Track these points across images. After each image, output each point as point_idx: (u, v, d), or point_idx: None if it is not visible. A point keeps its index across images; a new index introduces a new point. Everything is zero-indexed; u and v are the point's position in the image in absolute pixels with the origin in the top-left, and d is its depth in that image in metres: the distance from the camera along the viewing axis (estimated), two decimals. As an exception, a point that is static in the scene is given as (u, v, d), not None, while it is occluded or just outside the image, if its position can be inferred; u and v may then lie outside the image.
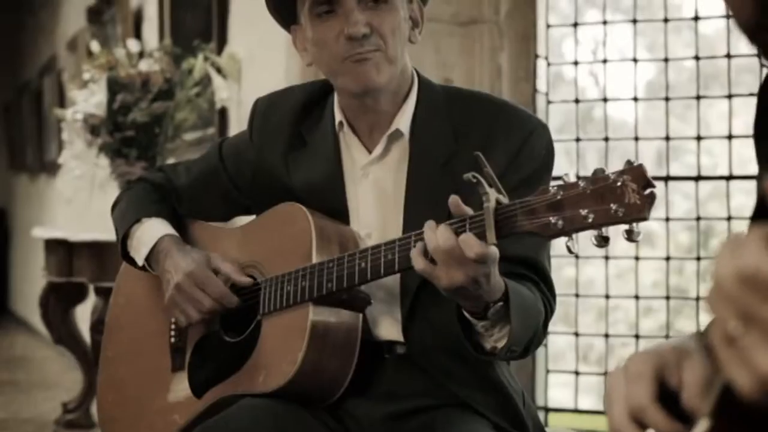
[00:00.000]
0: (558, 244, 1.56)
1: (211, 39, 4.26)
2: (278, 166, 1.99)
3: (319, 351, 1.83)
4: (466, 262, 1.57)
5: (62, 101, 7.61)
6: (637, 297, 3.61)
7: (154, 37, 5.18)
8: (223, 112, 4.18)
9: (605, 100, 3.61)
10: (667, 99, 3.52)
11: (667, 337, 3.60)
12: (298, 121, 2.00)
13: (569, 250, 1.48)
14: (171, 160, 4.23)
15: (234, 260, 2.00)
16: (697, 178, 3.52)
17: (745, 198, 3.75)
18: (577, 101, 3.66)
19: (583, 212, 1.44)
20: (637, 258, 3.57)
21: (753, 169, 1.07)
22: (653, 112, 3.75)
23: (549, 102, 3.69)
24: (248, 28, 4.06)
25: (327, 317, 1.84)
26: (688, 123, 3.56)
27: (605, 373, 3.67)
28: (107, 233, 2.26)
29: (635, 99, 3.56)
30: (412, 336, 1.87)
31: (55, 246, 3.99)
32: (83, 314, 4.53)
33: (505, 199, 1.54)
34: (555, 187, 1.49)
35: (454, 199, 1.61)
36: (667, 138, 3.54)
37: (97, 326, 3.73)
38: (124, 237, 2.11)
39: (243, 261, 2.00)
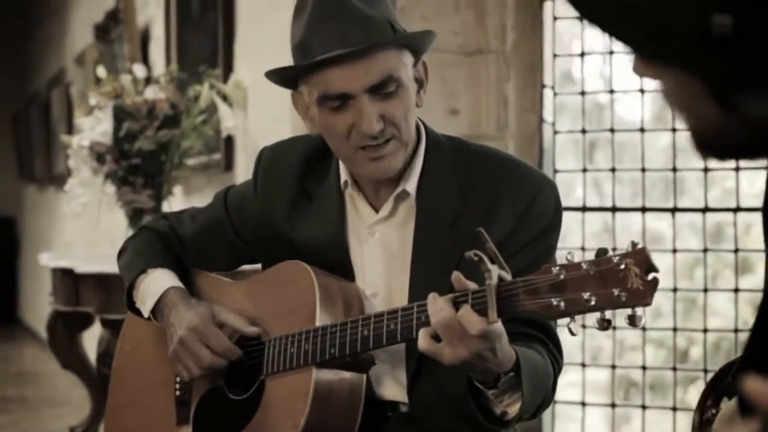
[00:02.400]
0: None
1: (217, 64, 4.25)
2: (282, 221, 1.99)
3: (321, 413, 1.82)
4: (469, 338, 1.56)
5: (70, 114, 7.62)
6: (644, 329, 3.60)
7: (160, 56, 5.18)
8: (229, 139, 4.18)
9: (612, 131, 3.60)
10: (674, 130, 3.50)
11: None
12: (303, 175, 1.99)
13: (571, 332, 1.47)
14: (177, 188, 4.23)
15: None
16: (704, 210, 3.50)
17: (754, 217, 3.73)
18: (583, 131, 3.64)
19: (585, 295, 1.43)
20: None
21: (760, 200, 1.07)
22: (660, 141, 3.74)
23: (555, 132, 3.68)
24: (254, 55, 4.06)
25: (330, 379, 1.83)
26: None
27: (613, 405, 3.66)
28: (113, 262, 2.26)
29: (642, 130, 3.55)
30: (416, 397, 1.87)
31: (61, 274, 3.99)
32: (91, 339, 4.53)
33: (508, 276, 1.53)
34: (558, 267, 1.48)
35: (456, 276, 1.61)
36: (674, 169, 3.52)
37: (103, 358, 3.73)
38: (129, 288, 2.10)
39: (246, 317, 2.00)
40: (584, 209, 3.65)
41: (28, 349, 9.08)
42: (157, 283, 2.05)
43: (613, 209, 3.63)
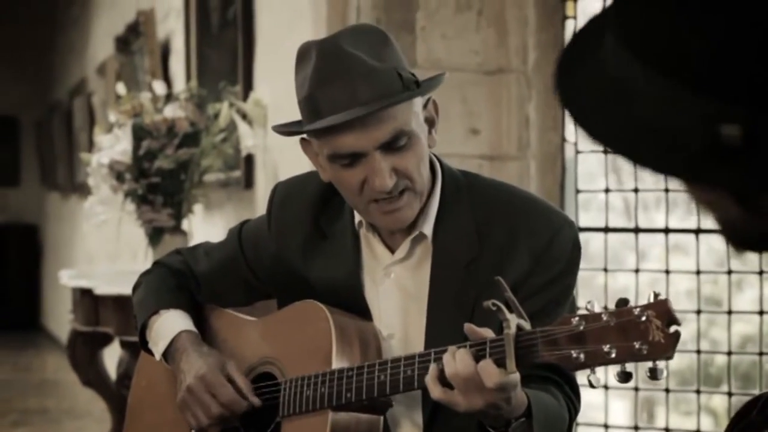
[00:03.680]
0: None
1: (237, 81, 4.24)
2: (296, 259, 1.97)
3: (338, 456, 1.80)
4: (486, 389, 1.54)
5: (92, 124, 7.64)
6: None
7: (181, 70, 5.18)
8: (249, 157, 4.15)
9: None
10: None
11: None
12: (318, 212, 1.97)
13: (591, 385, 1.44)
14: (197, 206, 4.21)
15: (252, 354, 1.99)
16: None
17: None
18: (606, 151, 3.60)
19: (606, 348, 1.41)
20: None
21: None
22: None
23: (578, 151, 3.64)
24: (274, 72, 4.04)
25: (347, 422, 1.81)
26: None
27: (636, 428, 3.61)
28: (133, 283, 2.25)
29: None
30: (433, 440, 1.85)
31: (81, 293, 3.99)
32: (111, 355, 4.52)
33: (527, 325, 1.51)
34: (578, 317, 1.45)
35: (468, 327, 1.59)
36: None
37: (122, 380, 3.72)
38: (142, 327, 2.09)
39: (261, 356, 1.98)
40: (606, 230, 3.61)
41: (51, 357, 9.10)
42: (169, 325, 2.03)
43: (636, 230, 3.58)
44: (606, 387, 3.65)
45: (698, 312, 3.50)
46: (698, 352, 3.54)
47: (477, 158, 3.56)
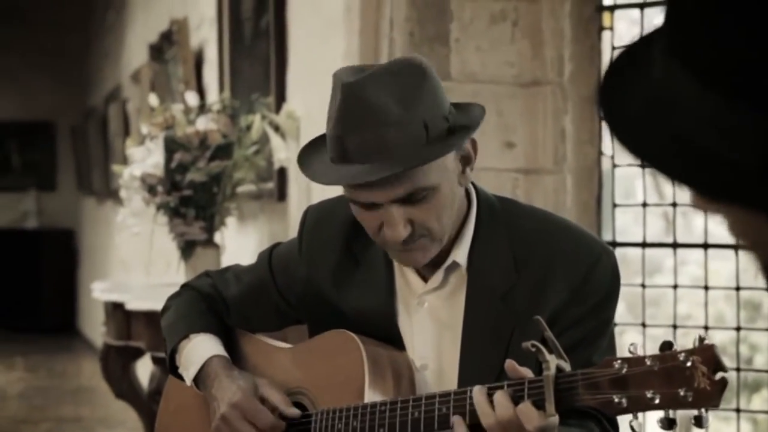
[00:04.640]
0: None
1: (270, 93, 4.20)
2: (327, 285, 1.93)
3: (370, 491, 1.76)
4: None
5: (127, 130, 7.65)
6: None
7: (214, 79, 5.16)
8: (282, 170, 4.12)
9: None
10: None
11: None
12: (350, 237, 1.92)
13: (633, 430, 1.39)
14: (230, 219, 4.18)
15: (282, 383, 1.95)
16: None
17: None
18: (643, 164, 3.53)
19: (649, 393, 1.36)
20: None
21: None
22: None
23: (615, 165, 3.57)
24: (307, 84, 4.01)
25: (379, 458, 1.77)
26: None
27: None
28: (164, 298, 2.22)
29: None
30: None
31: (113, 306, 3.97)
32: (144, 367, 4.51)
33: (566, 366, 1.46)
34: (620, 360, 1.40)
35: (510, 364, 1.53)
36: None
37: (154, 396, 3.70)
38: (172, 351, 2.06)
39: (291, 385, 1.95)
40: (644, 245, 3.55)
41: (86, 363, 9.12)
42: (199, 350, 2.00)
43: (674, 245, 3.51)
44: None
45: (738, 329, 3.43)
46: (738, 369, 3.46)
47: (512, 172, 3.51)
